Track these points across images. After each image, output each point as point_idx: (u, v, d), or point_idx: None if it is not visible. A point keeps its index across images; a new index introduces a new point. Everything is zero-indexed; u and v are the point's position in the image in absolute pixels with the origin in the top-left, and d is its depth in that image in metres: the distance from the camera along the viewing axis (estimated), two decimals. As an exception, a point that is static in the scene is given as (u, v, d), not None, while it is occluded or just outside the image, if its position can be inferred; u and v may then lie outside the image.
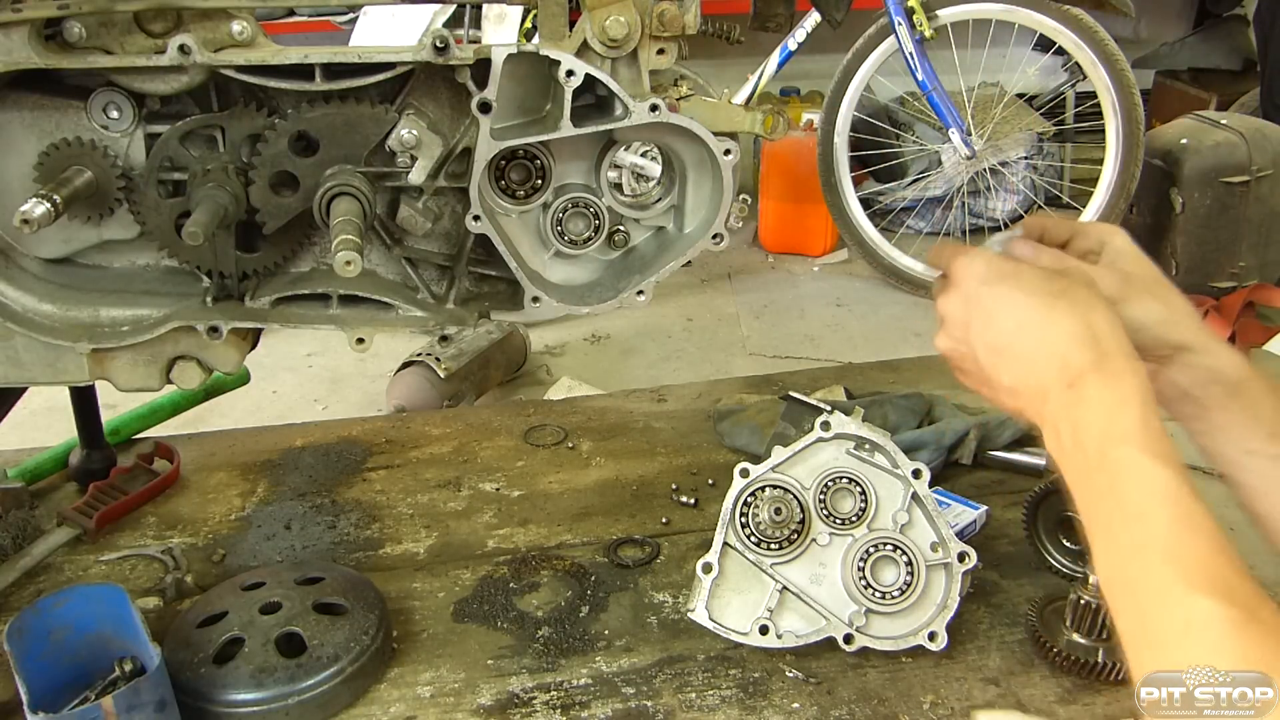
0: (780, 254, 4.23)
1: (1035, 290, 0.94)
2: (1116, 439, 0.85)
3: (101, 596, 1.23)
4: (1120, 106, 3.38)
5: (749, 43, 1.49)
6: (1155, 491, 0.82)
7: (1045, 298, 0.93)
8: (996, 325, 0.97)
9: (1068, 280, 0.95)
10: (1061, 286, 0.94)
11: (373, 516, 1.63)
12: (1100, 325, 0.91)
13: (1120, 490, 0.84)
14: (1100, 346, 0.90)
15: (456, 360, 2.81)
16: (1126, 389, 0.87)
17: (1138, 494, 0.82)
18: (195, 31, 1.17)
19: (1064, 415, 0.90)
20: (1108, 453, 0.85)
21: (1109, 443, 0.85)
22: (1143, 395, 0.87)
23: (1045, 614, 1.29)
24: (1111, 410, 0.87)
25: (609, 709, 1.21)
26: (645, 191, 1.41)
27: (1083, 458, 0.88)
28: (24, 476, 1.70)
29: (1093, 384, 0.88)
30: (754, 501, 1.28)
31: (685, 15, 1.19)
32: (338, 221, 1.15)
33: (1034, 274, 0.96)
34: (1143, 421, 0.85)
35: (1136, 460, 0.83)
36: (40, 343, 1.30)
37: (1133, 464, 0.83)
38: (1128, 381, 0.88)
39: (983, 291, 0.98)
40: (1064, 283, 0.95)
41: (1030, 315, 0.94)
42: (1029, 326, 0.94)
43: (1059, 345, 0.91)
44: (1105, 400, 0.87)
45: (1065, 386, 0.90)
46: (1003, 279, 0.97)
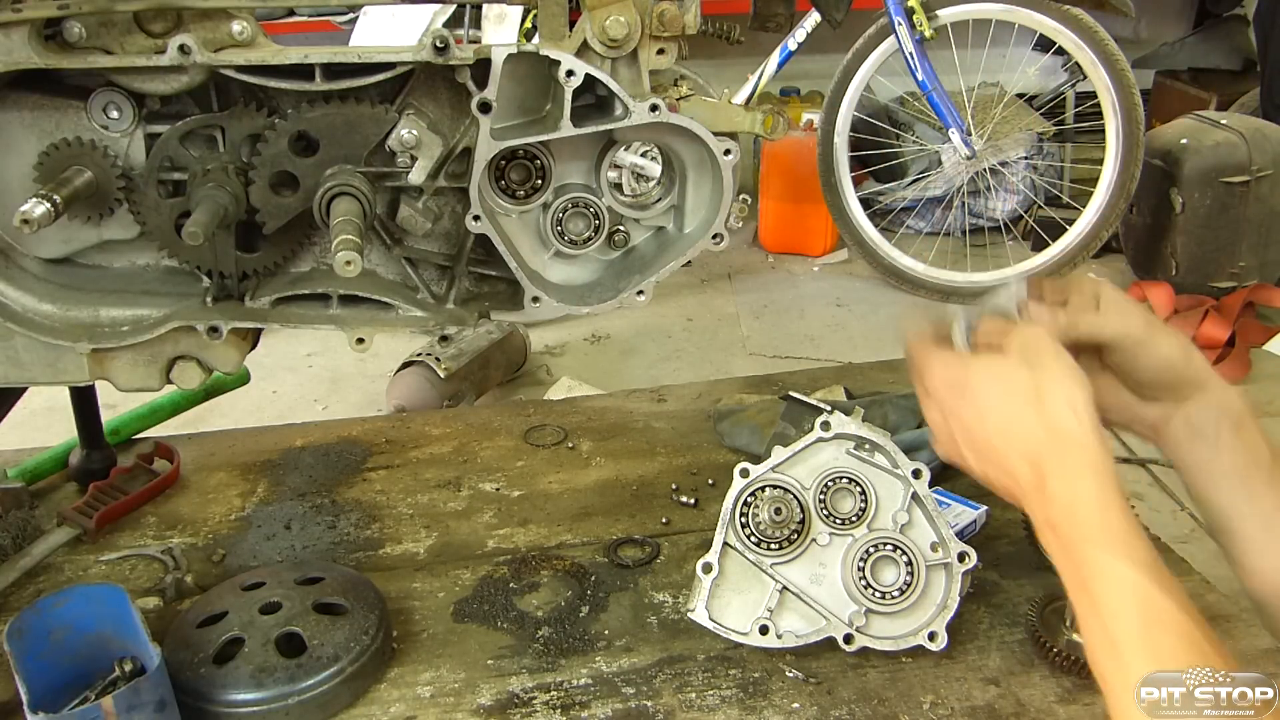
0: (780, 254, 4.23)
1: (993, 393, 0.95)
2: (1082, 540, 0.87)
3: (101, 596, 1.23)
4: (1120, 106, 3.38)
5: (749, 43, 1.49)
6: (1123, 590, 0.83)
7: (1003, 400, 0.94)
8: (973, 436, 0.98)
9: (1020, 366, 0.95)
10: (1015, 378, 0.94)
11: (373, 516, 1.63)
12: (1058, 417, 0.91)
13: (1094, 591, 0.86)
14: (1058, 444, 0.90)
15: (456, 360, 2.81)
16: (1083, 488, 0.88)
17: (1108, 593, 0.84)
18: (195, 31, 1.17)
19: (1040, 516, 0.92)
20: (1081, 553, 0.87)
21: (1077, 544, 0.88)
22: (1102, 493, 0.88)
23: (1045, 614, 1.29)
24: (1075, 510, 0.88)
25: (609, 709, 1.21)
26: (645, 191, 1.41)
27: (1064, 557, 0.90)
28: (24, 476, 1.69)
29: (1055, 485, 0.90)
30: (754, 501, 1.28)
31: (685, 15, 1.19)
32: (338, 221, 1.15)
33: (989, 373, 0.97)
34: (1104, 521, 0.87)
35: (1101, 560, 0.85)
36: (40, 343, 1.30)
37: (1099, 563, 0.85)
38: (1086, 482, 0.88)
39: (951, 404, 0.99)
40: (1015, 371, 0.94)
41: (995, 422, 0.95)
42: (998, 433, 0.95)
43: (1023, 448, 0.92)
44: (1068, 501, 0.89)
45: (1035, 490, 0.92)
46: (962, 386, 0.98)
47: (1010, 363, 0.96)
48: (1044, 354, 0.95)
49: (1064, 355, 0.95)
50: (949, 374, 1.00)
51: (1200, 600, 1.33)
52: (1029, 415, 0.92)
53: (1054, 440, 0.90)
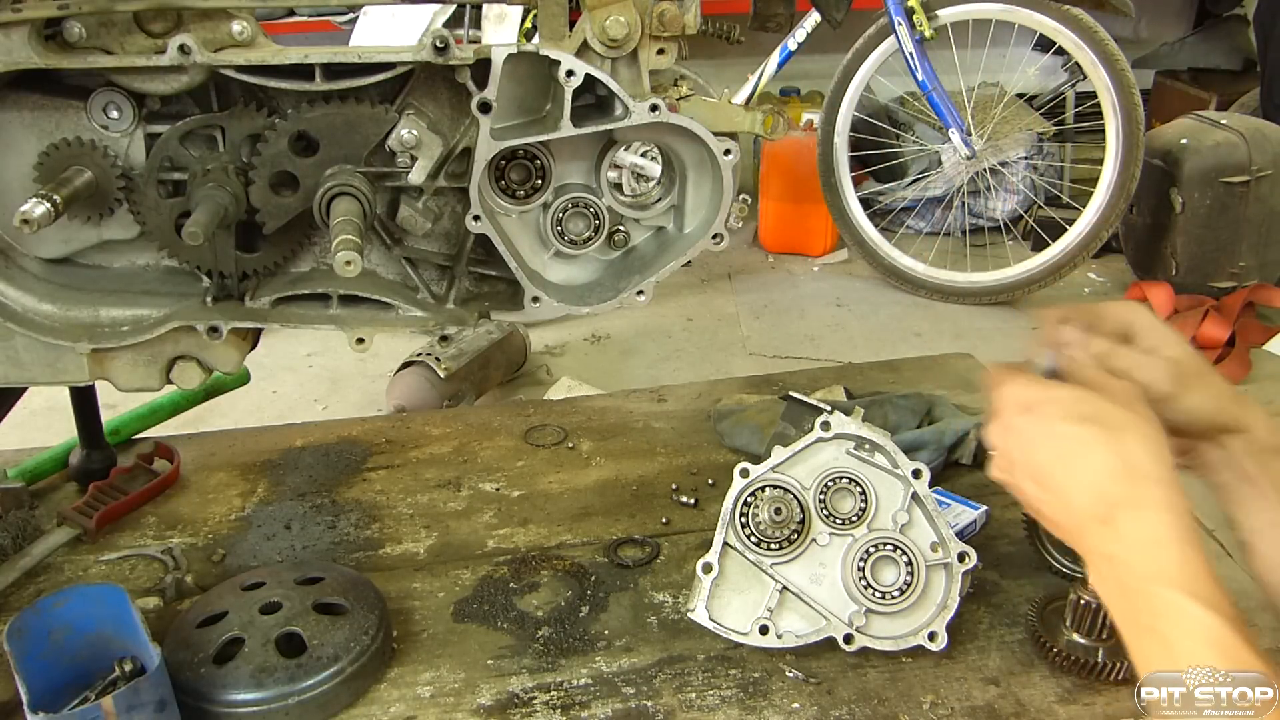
0: (780, 254, 4.23)
1: (1068, 417, 0.92)
2: (1155, 579, 0.83)
3: (101, 596, 1.23)
4: (1120, 106, 3.38)
5: (749, 43, 1.49)
6: (1205, 639, 0.80)
7: (1077, 425, 0.90)
8: (1034, 458, 0.94)
9: (1103, 401, 0.92)
10: (1094, 410, 0.91)
11: (373, 516, 1.63)
12: (1135, 453, 0.88)
13: (1164, 633, 0.82)
14: (1134, 478, 0.87)
15: (456, 360, 2.81)
16: (1163, 525, 0.85)
17: (1183, 639, 0.80)
18: (195, 31, 1.17)
19: (1100, 551, 0.88)
20: (1149, 593, 0.83)
21: (1150, 582, 0.83)
22: (1181, 531, 0.84)
23: (1045, 614, 1.29)
24: (1149, 548, 0.84)
25: (609, 709, 1.21)
26: (645, 191, 1.41)
27: (1122, 594, 0.86)
28: (24, 476, 1.69)
29: (1127, 520, 0.86)
30: (754, 501, 1.28)
31: (685, 15, 1.19)
32: (338, 221, 1.15)
33: (1067, 399, 0.93)
34: (1182, 560, 0.83)
35: (1179, 603, 0.81)
36: (40, 343, 1.30)
37: (1176, 607, 0.81)
38: (1164, 517, 0.85)
39: (1018, 422, 0.96)
40: (1097, 405, 0.91)
41: (1063, 446, 0.91)
42: (1063, 459, 0.91)
43: (1091, 478, 0.89)
44: (1141, 537, 0.85)
45: (1099, 522, 0.88)
46: (1035, 407, 0.94)
47: (1095, 397, 0.93)
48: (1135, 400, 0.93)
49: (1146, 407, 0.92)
50: (1024, 394, 0.97)
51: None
52: (1103, 447, 0.89)
53: (1130, 475, 0.87)
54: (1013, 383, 0.98)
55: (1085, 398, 0.93)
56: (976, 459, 1.69)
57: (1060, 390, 0.95)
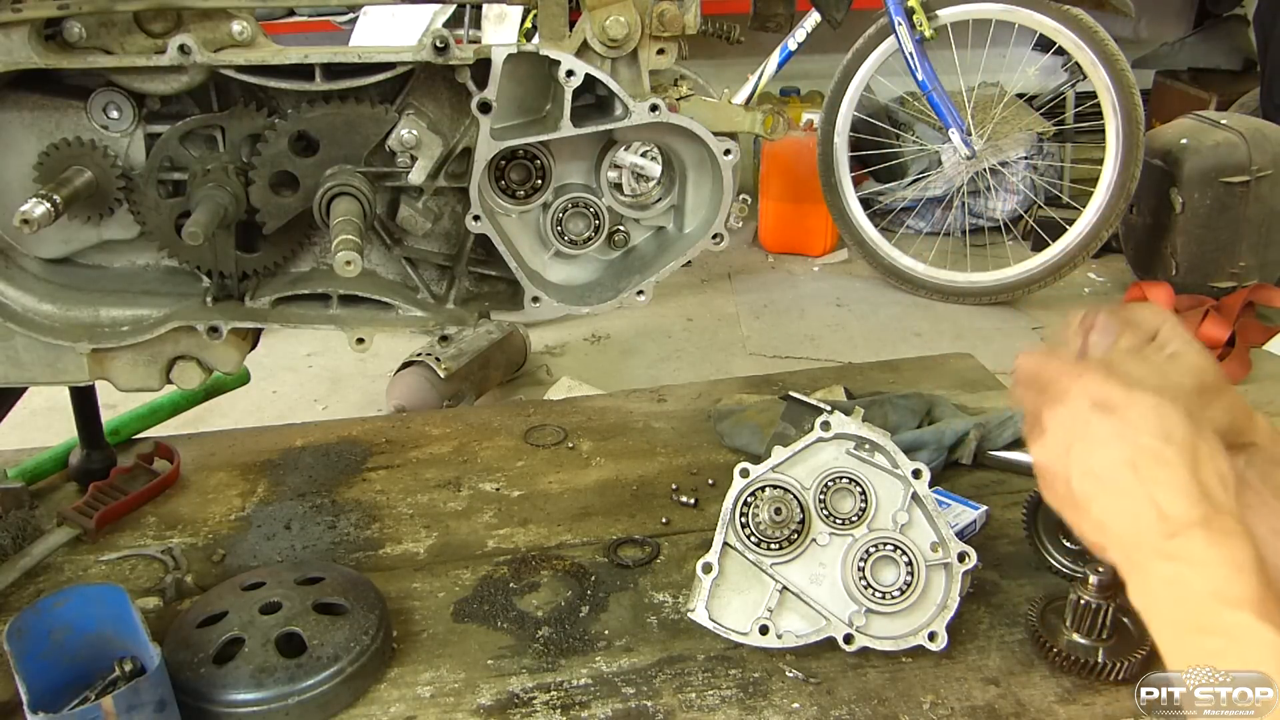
0: (780, 254, 4.23)
1: (1150, 430, 0.89)
2: (1231, 602, 0.82)
3: (101, 596, 1.23)
4: (1120, 106, 3.38)
5: (749, 43, 1.49)
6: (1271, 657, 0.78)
7: (1159, 440, 0.88)
8: (1101, 456, 0.91)
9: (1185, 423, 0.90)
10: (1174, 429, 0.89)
11: (373, 516, 1.63)
12: (1211, 480, 0.87)
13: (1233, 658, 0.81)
14: (1210, 502, 0.85)
15: (456, 360, 2.81)
16: (1240, 551, 0.83)
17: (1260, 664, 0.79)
18: (195, 31, 1.17)
19: (1159, 567, 0.86)
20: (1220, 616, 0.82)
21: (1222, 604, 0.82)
22: (1256, 559, 0.83)
23: (1045, 614, 1.29)
24: (1224, 571, 0.83)
25: (609, 709, 1.21)
26: (645, 191, 1.41)
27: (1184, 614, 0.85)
28: (24, 476, 1.70)
29: (1199, 540, 0.84)
30: (754, 501, 1.28)
31: (685, 15, 1.19)
32: (338, 221, 1.15)
33: (1154, 410, 0.91)
34: (1260, 587, 0.82)
35: (1256, 629, 0.80)
36: (40, 343, 1.30)
37: (1253, 632, 0.80)
38: (1239, 543, 0.84)
39: (1094, 417, 0.92)
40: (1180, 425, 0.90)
41: (1140, 455, 0.89)
42: (1135, 466, 0.89)
43: (1163, 493, 0.87)
44: (1215, 559, 0.83)
45: (1164, 537, 0.86)
46: (1118, 410, 0.91)
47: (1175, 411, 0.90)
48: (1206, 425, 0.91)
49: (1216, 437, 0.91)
50: (1106, 392, 0.93)
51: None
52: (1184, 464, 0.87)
53: (1207, 500, 0.86)
54: (1095, 373, 0.95)
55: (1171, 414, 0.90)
56: (976, 459, 1.69)
57: (1147, 398, 0.91)
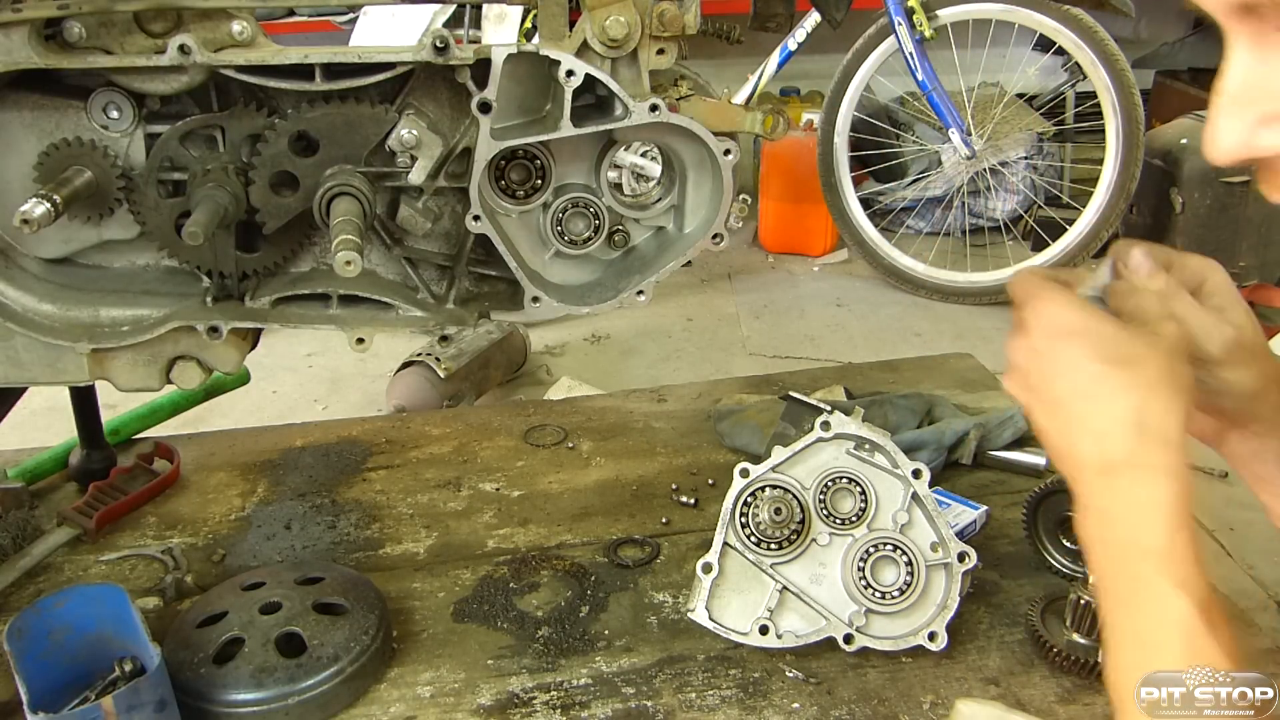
0: (780, 254, 4.23)
1: (1100, 355, 0.86)
2: (1140, 551, 0.81)
3: (101, 596, 1.23)
4: (1120, 106, 3.38)
5: (749, 43, 1.49)
6: (1170, 621, 0.78)
7: (1106, 366, 0.86)
8: (1053, 385, 0.89)
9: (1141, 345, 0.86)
10: (1129, 353, 0.86)
11: (373, 516, 1.63)
12: (1153, 411, 0.83)
13: (1136, 607, 0.80)
14: (1146, 436, 0.83)
15: (456, 360, 2.81)
16: (1159, 493, 0.81)
17: (1151, 619, 0.79)
18: (195, 31, 1.17)
19: (1094, 503, 0.86)
20: (1129, 562, 0.81)
21: (1132, 551, 0.81)
22: (1173, 503, 0.81)
23: (1045, 614, 1.29)
24: (1140, 514, 0.82)
25: (609, 709, 1.21)
26: (645, 191, 1.41)
27: (1105, 554, 0.84)
28: (24, 476, 1.70)
29: (1126, 477, 0.83)
30: (754, 501, 1.28)
31: (685, 15, 1.19)
32: (338, 221, 1.15)
33: (1106, 333, 0.87)
34: (1169, 536, 0.80)
35: (1155, 583, 0.79)
36: (40, 343, 1.30)
37: (1152, 585, 0.79)
38: (1162, 485, 0.81)
39: (1047, 345, 0.91)
40: (1135, 348, 0.86)
41: (1087, 385, 0.86)
42: (1083, 397, 0.87)
43: (1105, 425, 0.85)
44: (1136, 500, 0.82)
45: (1098, 471, 0.85)
46: (1071, 335, 0.89)
47: (1132, 339, 0.87)
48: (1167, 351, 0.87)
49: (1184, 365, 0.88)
50: (1062, 318, 0.89)
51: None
52: (1124, 397, 0.84)
53: (1142, 433, 0.83)
54: (1052, 300, 0.92)
55: (1125, 339, 0.87)
56: (976, 459, 1.69)
57: (1102, 323, 0.88)
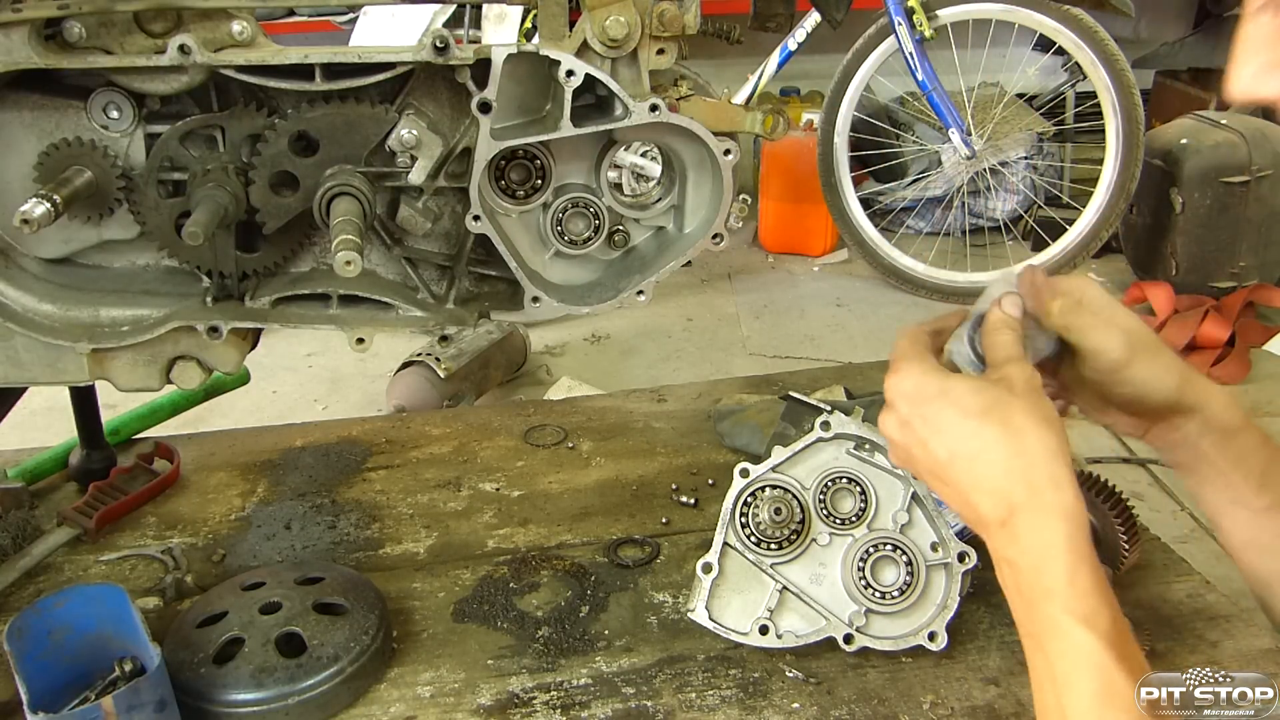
0: (780, 254, 4.24)
1: (966, 413, 0.89)
2: (1044, 593, 0.82)
3: (101, 596, 1.23)
4: (1120, 106, 3.39)
5: (749, 43, 1.49)
6: (1079, 659, 0.79)
7: (976, 421, 0.88)
8: (933, 454, 0.91)
9: (1000, 392, 0.89)
10: (990, 403, 0.88)
11: (373, 516, 1.63)
12: (1034, 453, 0.85)
13: (1047, 650, 0.81)
14: (1032, 481, 0.84)
15: (456, 360, 2.81)
16: (1054, 531, 0.83)
17: (1062, 659, 0.80)
18: (195, 31, 1.17)
19: (1001, 554, 0.87)
20: (1037, 606, 0.82)
21: (1037, 595, 0.82)
22: (1070, 537, 0.82)
23: (1045, 614, 1.29)
24: (1040, 558, 0.83)
25: (609, 709, 1.21)
26: (645, 191, 1.41)
27: (1020, 603, 0.85)
28: (24, 476, 1.69)
29: (1023, 523, 0.84)
30: (754, 501, 1.28)
31: (685, 15, 1.19)
32: (338, 221, 1.15)
33: (963, 392, 0.90)
34: (1070, 573, 0.81)
35: (1060, 621, 0.80)
36: (40, 343, 1.30)
37: (1057, 625, 0.80)
38: (1057, 525, 0.83)
39: (913, 414, 0.93)
40: (994, 397, 0.88)
41: (962, 445, 0.88)
42: (962, 457, 0.88)
43: (991, 477, 0.86)
44: (1034, 545, 0.83)
45: (999, 525, 0.86)
46: (931, 400, 0.91)
47: (993, 388, 0.90)
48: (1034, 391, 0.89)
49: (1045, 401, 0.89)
50: (919, 386, 0.93)
51: (1200, 600, 1.33)
52: (1002, 445, 0.86)
53: (1028, 475, 0.85)
54: (905, 371, 0.95)
55: (981, 389, 0.89)
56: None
57: (956, 383, 0.91)
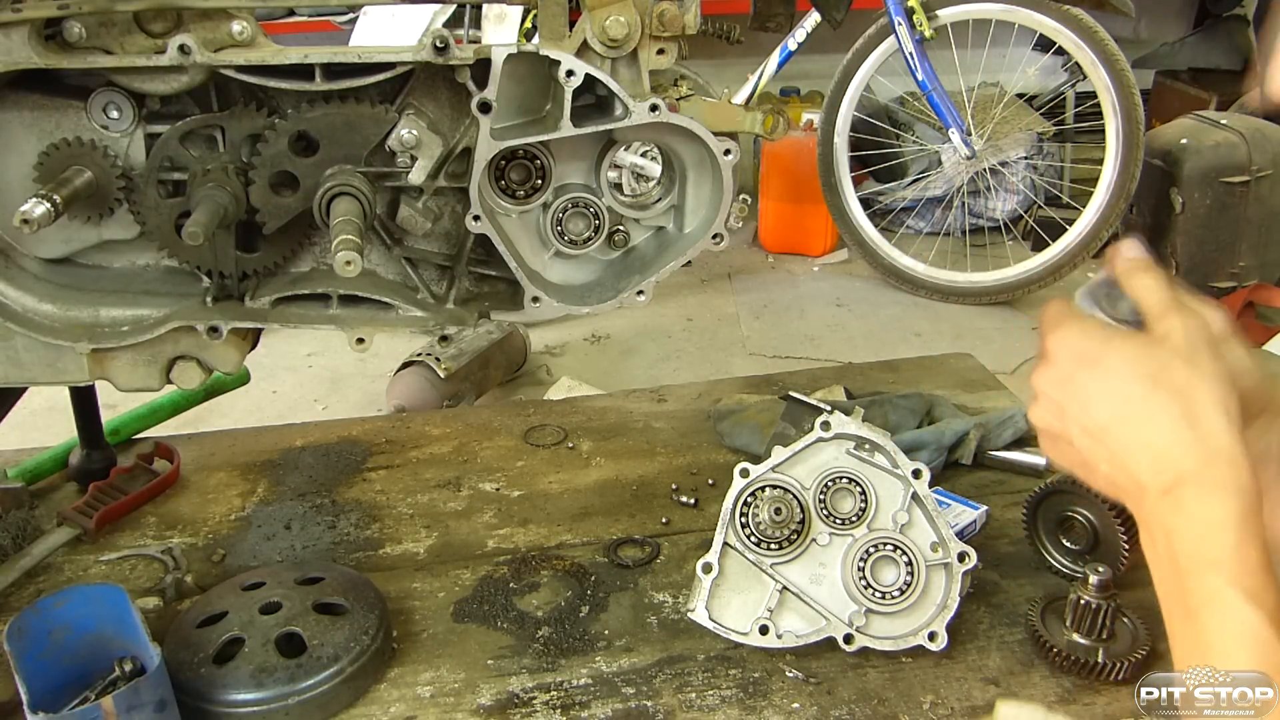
0: (780, 254, 4.23)
1: (1136, 377, 0.84)
2: (1206, 563, 0.78)
3: (101, 596, 1.23)
4: (1120, 106, 3.38)
5: (749, 43, 1.49)
6: (1240, 633, 0.76)
7: (1143, 384, 0.84)
8: (1093, 412, 0.87)
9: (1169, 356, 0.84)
10: (1161, 367, 0.84)
11: (373, 516, 1.63)
12: (1208, 422, 0.81)
13: (1204, 621, 0.78)
14: (1206, 452, 0.81)
15: (456, 360, 2.81)
16: (1225, 505, 0.79)
17: (1221, 631, 0.77)
18: (195, 31, 1.17)
19: (1158, 522, 0.83)
20: (1196, 576, 0.79)
21: (1199, 565, 0.79)
22: (1242, 513, 0.78)
23: (1045, 614, 1.29)
24: (1206, 528, 0.79)
25: (609, 709, 1.21)
26: (645, 191, 1.41)
27: (1172, 571, 0.81)
28: (24, 476, 1.69)
29: (1190, 494, 0.80)
30: (754, 501, 1.28)
31: (685, 15, 1.19)
32: (338, 221, 1.15)
33: (1133, 355, 0.86)
34: (1238, 547, 0.77)
35: (1224, 594, 0.77)
36: (40, 343, 1.30)
37: (1220, 597, 0.77)
38: (1228, 496, 0.79)
39: (1078, 373, 0.89)
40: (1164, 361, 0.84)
41: (1128, 406, 0.84)
42: (1127, 419, 0.85)
43: (1157, 443, 0.83)
44: (1201, 515, 0.80)
45: (1161, 492, 0.82)
46: (1098, 361, 0.87)
47: (1163, 351, 0.85)
48: (1203, 349, 0.84)
49: (1222, 356, 0.85)
50: (1084, 344, 0.88)
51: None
52: (1173, 412, 0.82)
53: (1201, 447, 0.81)
54: (1070, 329, 0.91)
55: (1151, 354, 0.85)
56: (976, 459, 1.69)
57: (1125, 343, 0.87)
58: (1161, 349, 0.86)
